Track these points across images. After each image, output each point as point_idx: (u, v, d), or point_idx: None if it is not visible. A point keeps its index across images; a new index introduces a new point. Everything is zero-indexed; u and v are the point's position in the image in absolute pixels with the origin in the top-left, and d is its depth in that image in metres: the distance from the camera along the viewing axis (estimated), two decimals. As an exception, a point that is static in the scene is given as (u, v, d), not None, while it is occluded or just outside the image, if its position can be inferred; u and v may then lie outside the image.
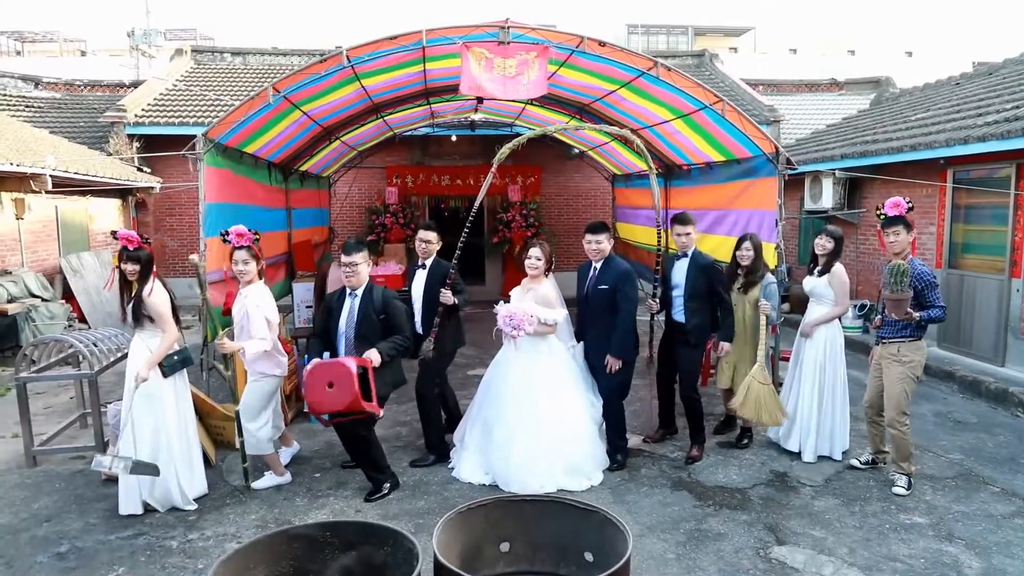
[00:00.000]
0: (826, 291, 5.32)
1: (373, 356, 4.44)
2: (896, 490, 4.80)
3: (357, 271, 4.68)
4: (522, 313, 4.89)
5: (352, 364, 4.23)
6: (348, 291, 4.78)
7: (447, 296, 5.19)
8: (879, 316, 5.00)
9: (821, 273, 5.35)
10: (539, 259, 5.12)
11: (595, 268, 5.21)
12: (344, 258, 4.68)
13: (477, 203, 5.48)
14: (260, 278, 4.87)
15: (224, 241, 4.81)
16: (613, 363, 5.07)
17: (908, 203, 4.74)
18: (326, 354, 4.66)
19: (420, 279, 5.49)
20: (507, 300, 5.23)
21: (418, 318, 5.46)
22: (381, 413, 4.53)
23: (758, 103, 14.32)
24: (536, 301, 5.07)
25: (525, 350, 5.03)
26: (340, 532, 2.61)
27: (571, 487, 4.85)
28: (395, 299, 4.81)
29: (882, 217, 4.81)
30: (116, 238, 4.51)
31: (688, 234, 5.36)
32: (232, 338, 4.81)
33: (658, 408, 5.93)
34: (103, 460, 4.12)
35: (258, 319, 4.67)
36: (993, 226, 8.00)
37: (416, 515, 4.51)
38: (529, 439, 4.87)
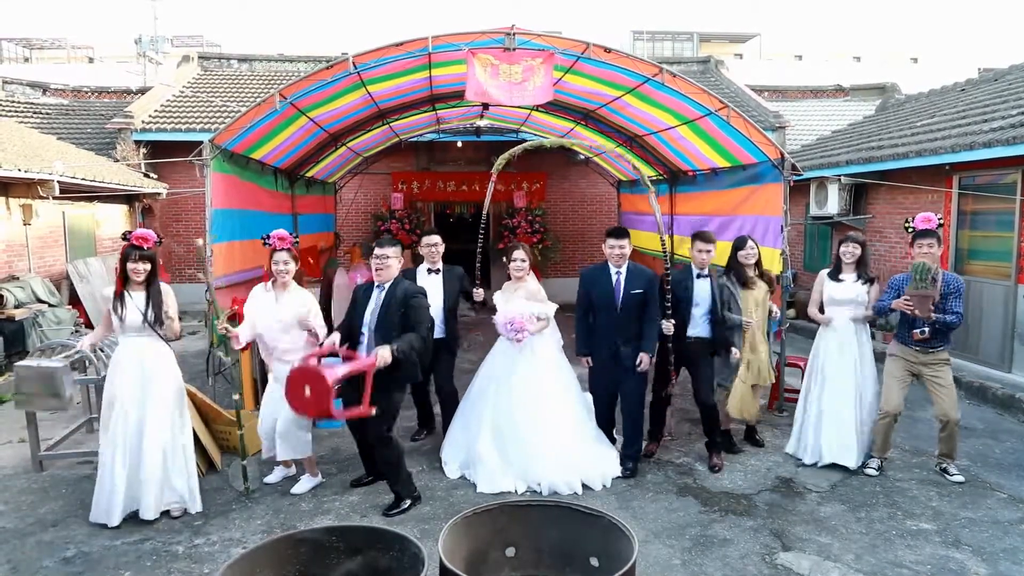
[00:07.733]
0: (864, 296, 5.31)
1: (384, 354, 4.21)
2: (868, 471, 5.16)
3: (388, 264, 4.67)
4: (519, 315, 5.02)
5: (336, 374, 3.85)
6: (376, 284, 4.74)
7: (479, 294, 5.77)
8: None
9: (860, 278, 5.33)
10: (524, 260, 5.30)
11: (619, 274, 5.17)
12: (377, 250, 4.71)
13: (484, 213, 5.57)
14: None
15: (264, 244, 4.94)
16: (647, 360, 5.10)
17: (939, 219, 4.90)
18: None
19: (436, 285, 5.62)
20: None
21: (437, 320, 5.55)
22: (373, 412, 4.13)
23: (763, 109, 14.32)
24: (527, 298, 5.21)
25: (525, 353, 5.11)
26: (346, 537, 2.61)
27: (582, 486, 4.91)
28: (419, 296, 4.64)
29: (911, 230, 4.93)
30: (127, 239, 4.41)
31: (709, 251, 5.38)
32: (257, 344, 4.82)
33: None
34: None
35: (317, 316, 4.89)
36: (999, 232, 7.98)
37: (422, 520, 4.51)
38: (543, 441, 4.93)
